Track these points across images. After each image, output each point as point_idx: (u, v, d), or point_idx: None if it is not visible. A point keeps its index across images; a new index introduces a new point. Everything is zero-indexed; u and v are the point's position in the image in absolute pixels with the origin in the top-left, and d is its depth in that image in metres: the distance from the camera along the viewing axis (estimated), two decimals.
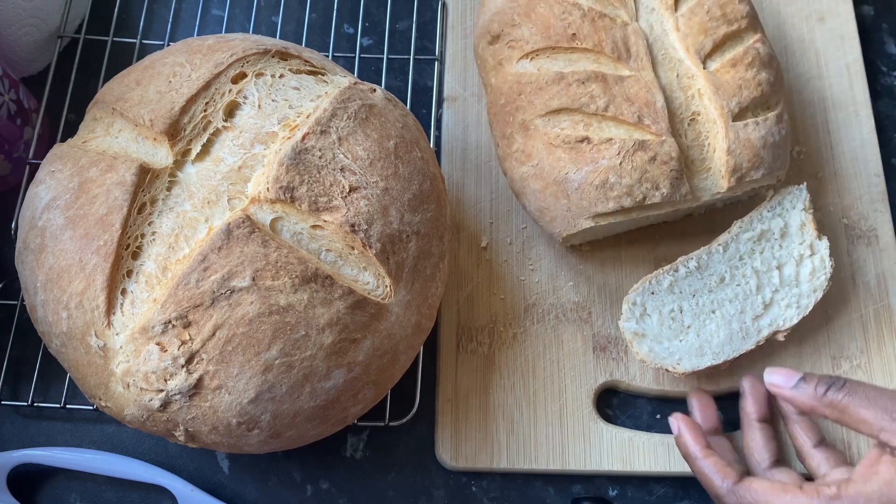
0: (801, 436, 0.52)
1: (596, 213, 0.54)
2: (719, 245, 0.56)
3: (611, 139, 0.54)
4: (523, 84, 0.56)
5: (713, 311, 0.55)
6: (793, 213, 0.58)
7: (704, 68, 0.56)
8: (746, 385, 0.54)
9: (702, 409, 0.54)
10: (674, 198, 0.54)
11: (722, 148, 0.55)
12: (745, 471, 0.51)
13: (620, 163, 0.53)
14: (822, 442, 0.52)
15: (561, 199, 0.55)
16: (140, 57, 0.62)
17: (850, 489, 0.43)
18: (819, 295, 0.56)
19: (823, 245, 0.57)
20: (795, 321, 0.55)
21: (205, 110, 0.47)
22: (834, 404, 0.45)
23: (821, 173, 0.64)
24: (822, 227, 0.59)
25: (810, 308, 0.56)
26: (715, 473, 0.49)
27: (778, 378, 0.48)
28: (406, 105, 0.59)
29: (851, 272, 0.61)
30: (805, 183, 0.59)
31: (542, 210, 0.56)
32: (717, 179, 0.55)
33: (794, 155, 0.65)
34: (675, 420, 0.53)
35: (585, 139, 0.54)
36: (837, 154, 0.65)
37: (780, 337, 0.56)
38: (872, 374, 0.58)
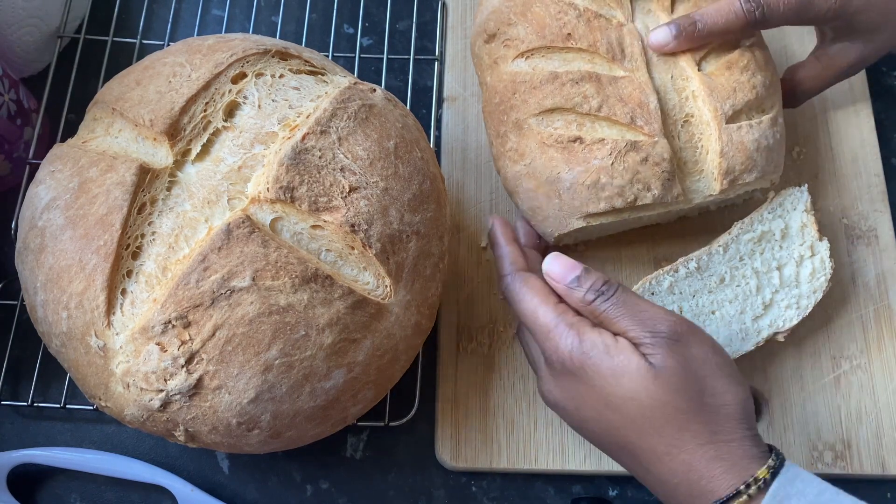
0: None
1: (587, 213, 0.54)
2: (719, 246, 0.56)
3: (603, 139, 0.53)
4: (518, 83, 0.56)
5: (713, 312, 0.55)
6: (793, 214, 0.57)
7: (699, 70, 0.56)
8: (494, 224, 0.54)
9: (527, 229, 0.57)
10: (665, 199, 0.54)
11: (715, 150, 0.55)
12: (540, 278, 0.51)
13: (612, 163, 0.53)
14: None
15: (553, 198, 0.55)
16: (140, 57, 0.62)
17: (582, 327, 0.45)
18: (819, 296, 0.56)
19: (824, 246, 0.57)
20: (795, 322, 0.55)
21: (205, 110, 0.47)
22: (597, 314, 0.45)
23: (821, 173, 0.64)
24: (822, 228, 0.59)
25: (810, 309, 0.56)
26: (506, 257, 0.51)
27: (556, 269, 0.47)
28: (406, 105, 0.59)
29: (851, 272, 0.61)
30: (806, 184, 0.59)
31: (534, 209, 0.56)
32: (710, 182, 0.55)
33: (794, 155, 0.65)
34: (493, 218, 0.54)
35: (578, 139, 0.54)
36: (837, 154, 0.65)
37: (780, 338, 0.56)
38: (872, 374, 0.58)
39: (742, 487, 0.40)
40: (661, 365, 0.43)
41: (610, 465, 0.56)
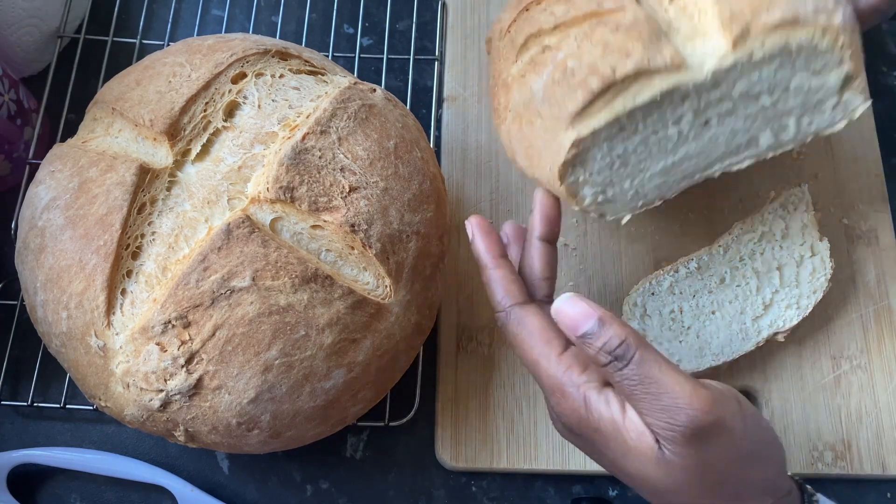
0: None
1: (571, 114, 0.44)
2: (720, 246, 0.56)
3: (568, 34, 0.46)
4: (503, 52, 0.52)
5: (713, 312, 0.55)
6: (794, 214, 0.58)
7: None
8: (538, 198, 0.46)
9: (544, 213, 0.46)
10: (655, 62, 0.43)
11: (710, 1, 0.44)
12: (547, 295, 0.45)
13: (578, 46, 0.44)
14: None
15: (535, 122, 0.46)
16: (140, 57, 0.62)
17: (589, 392, 0.39)
18: (819, 296, 0.56)
19: (824, 246, 0.57)
20: (795, 322, 0.55)
21: (205, 110, 0.47)
22: (605, 374, 0.39)
23: (821, 173, 0.64)
24: (823, 228, 0.59)
25: (810, 309, 0.56)
26: (498, 288, 0.43)
27: (568, 315, 0.39)
28: (406, 105, 0.59)
29: (851, 272, 0.61)
30: (806, 184, 0.59)
31: (529, 157, 0.47)
32: (717, 40, 0.43)
33: (793, 155, 0.65)
34: (470, 224, 0.46)
35: (544, 48, 0.47)
36: (837, 154, 0.65)
37: (780, 338, 0.56)
38: (872, 374, 0.58)
39: None
40: (675, 458, 0.37)
41: None
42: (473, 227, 0.46)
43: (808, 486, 0.41)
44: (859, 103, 0.47)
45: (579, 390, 0.39)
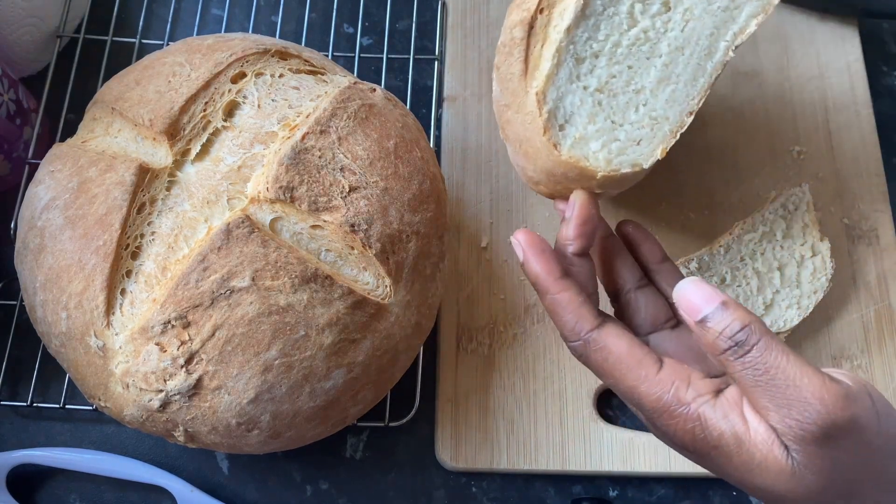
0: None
1: (519, 77, 0.41)
2: (720, 246, 0.56)
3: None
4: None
5: None
6: (795, 214, 0.57)
7: None
8: (575, 201, 0.42)
9: (582, 209, 0.41)
10: None
11: None
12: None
13: (506, 21, 0.43)
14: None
15: (510, 116, 0.43)
16: (139, 57, 0.62)
17: (703, 407, 0.35)
18: (820, 296, 0.56)
19: (825, 246, 0.57)
20: (796, 322, 0.55)
21: (204, 110, 0.47)
22: (725, 365, 0.35)
23: (821, 173, 0.64)
24: (823, 228, 0.59)
25: (811, 309, 0.56)
26: (568, 315, 0.39)
27: (691, 298, 0.36)
28: (406, 105, 0.59)
29: (852, 272, 0.61)
30: (807, 184, 0.58)
31: (529, 156, 0.43)
32: None
33: (794, 155, 0.65)
34: (519, 243, 0.41)
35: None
36: (838, 154, 0.65)
37: (781, 338, 0.55)
38: (873, 373, 0.58)
39: None
40: (803, 465, 0.34)
41: (610, 466, 0.56)
42: (525, 246, 0.41)
43: None
44: None
45: (690, 408, 0.35)
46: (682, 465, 0.56)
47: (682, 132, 0.41)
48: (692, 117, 0.41)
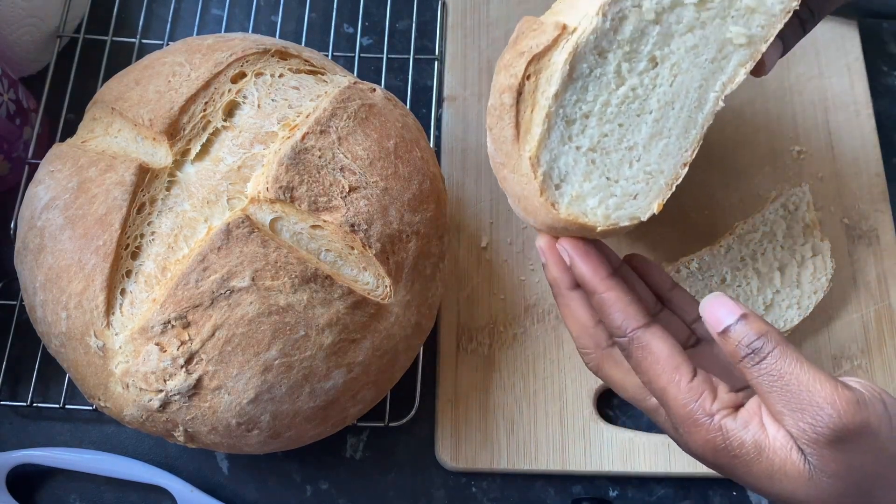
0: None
1: (512, 140, 0.41)
2: (721, 246, 0.56)
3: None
4: None
5: None
6: (795, 214, 0.57)
7: None
8: (541, 245, 0.43)
9: (550, 254, 0.43)
10: (540, 41, 0.41)
11: None
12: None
13: (494, 84, 0.42)
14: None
15: (506, 175, 0.42)
16: (139, 56, 0.62)
17: (725, 420, 0.37)
18: (820, 296, 0.56)
19: (825, 246, 0.57)
20: (796, 322, 0.55)
21: (204, 110, 0.47)
22: (744, 372, 0.37)
23: (821, 173, 0.64)
24: (823, 228, 0.59)
25: (811, 309, 0.56)
26: (616, 312, 0.40)
27: (713, 312, 0.38)
28: (406, 105, 0.59)
29: (852, 272, 0.61)
30: (808, 184, 0.58)
31: (528, 210, 0.42)
32: None
33: (794, 155, 0.65)
34: (566, 245, 0.42)
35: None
36: (838, 154, 0.65)
37: None
38: (873, 373, 0.58)
39: None
40: (819, 469, 0.35)
41: (610, 466, 0.56)
42: (570, 251, 0.42)
43: None
44: None
45: (713, 420, 0.37)
46: (682, 465, 0.56)
47: (678, 183, 0.42)
48: (686, 168, 0.42)
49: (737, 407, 0.38)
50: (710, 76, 0.41)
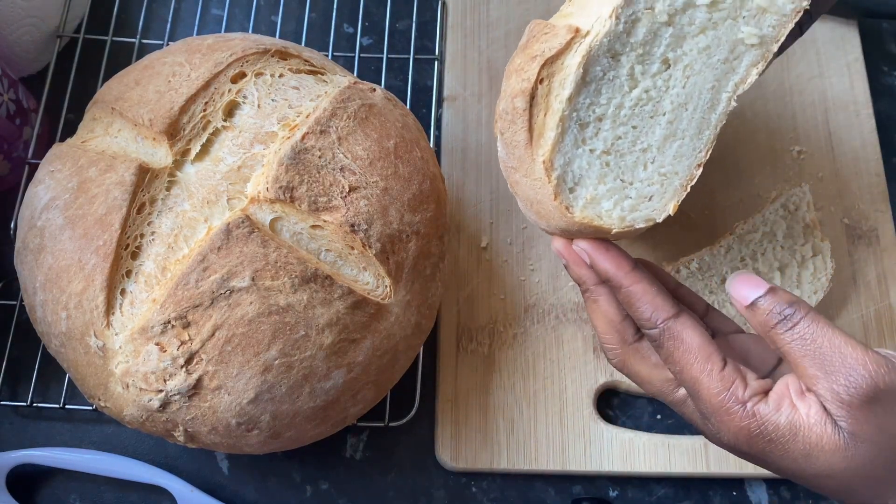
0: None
1: (525, 144, 0.41)
2: (721, 246, 0.56)
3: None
4: None
5: None
6: (796, 214, 0.57)
7: None
8: (558, 247, 0.44)
9: (568, 254, 0.43)
10: (552, 44, 0.41)
11: None
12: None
13: (505, 88, 0.42)
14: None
15: (518, 179, 0.43)
16: (139, 56, 0.62)
17: (757, 405, 0.38)
18: (820, 296, 0.56)
19: (825, 246, 0.57)
20: None
21: (204, 110, 0.47)
22: (778, 345, 0.38)
23: (821, 173, 0.64)
24: (823, 228, 0.59)
25: None
26: (644, 305, 0.40)
27: (740, 288, 0.39)
28: (406, 105, 0.59)
29: (852, 272, 0.61)
30: (808, 185, 0.58)
31: (541, 214, 0.43)
32: None
33: (794, 155, 0.65)
34: (585, 245, 0.42)
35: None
36: (838, 154, 0.65)
37: None
38: None
39: None
40: (853, 433, 0.36)
41: (610, 466, 0.56)
42: (589, 250, 0.42)
43: None
44: None
45: (746, 407, 0.38)
46: (682, 465, 0.56)
47: (693, 184, 0.42)
48: (701, 169, 0.42)
49: (766, 392, 0.38)
50: (722, 77, 0.41)
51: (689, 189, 0.42)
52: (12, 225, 0.59)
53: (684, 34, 0.41)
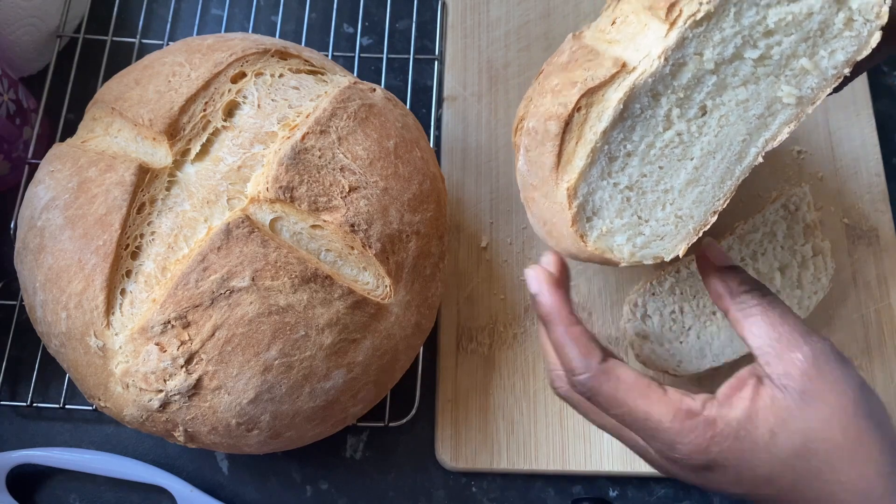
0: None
1: (551, 169, 0.42)
2: (721, 246, 0.56)
3: (530, 100, 0.45)
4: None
5: (714, 313, 0.55)
6: (796, 214, 0.57)
7: None
8: (533, 275, 0.44)
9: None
10: (597, 75, 0.41)
11: None
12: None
13: (535, 105, 0.43)
14: None
15: (536, 198, 0.44)
16: (139, 56, 0.62)
17: (711, 409, 0.38)
18: (820, 296, 0.56)
19: (825, 246, 0.57)
20: None
21: (204, 110, 0.47)
22: (732, 313, 0.41)
23: (822, 173, 0.64)
24: (824, 228, 0.59)
25: (811, 309, 0.56)
26: (577, 349, 0.40)
27: (717, 249, 0.43)
28: (406, 105, 0.59)
29: (852, 272, 0.61)
30: (808, 185, 0.58)
31: (553, 235, 0.43)
32: (654, 26, 0.41)
33: (794, 155, 0.65)
34: (536, 273, 0.43)
35: (520, 125, 0.46)
36: (838, 154, 0.65)
37: None
38: (873, 373, 0.58)
39: None
40: (802, 391, 0.38)
41: (610, 466, 0.56)
42: (541, 279, 0.43)
43: None
44: (874, 2, 0.39)
45: (703, 415, 0.38)
46: None
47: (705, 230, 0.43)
48: (716, 217, 0.42)
49: (710, 398, 0.39)
50: (754, 131, 0.41)
51: (700, 234, 0.42)
52: (12, 225, 0.59)
53: (726, 84, 0.41)
